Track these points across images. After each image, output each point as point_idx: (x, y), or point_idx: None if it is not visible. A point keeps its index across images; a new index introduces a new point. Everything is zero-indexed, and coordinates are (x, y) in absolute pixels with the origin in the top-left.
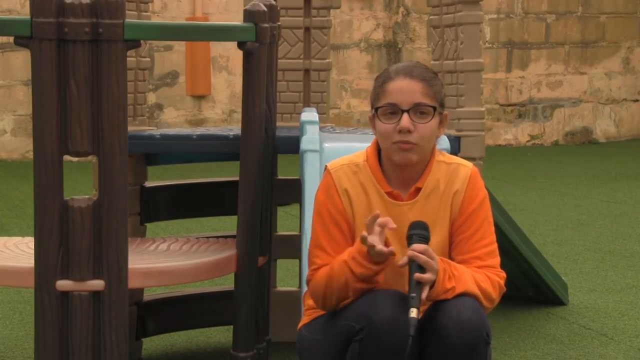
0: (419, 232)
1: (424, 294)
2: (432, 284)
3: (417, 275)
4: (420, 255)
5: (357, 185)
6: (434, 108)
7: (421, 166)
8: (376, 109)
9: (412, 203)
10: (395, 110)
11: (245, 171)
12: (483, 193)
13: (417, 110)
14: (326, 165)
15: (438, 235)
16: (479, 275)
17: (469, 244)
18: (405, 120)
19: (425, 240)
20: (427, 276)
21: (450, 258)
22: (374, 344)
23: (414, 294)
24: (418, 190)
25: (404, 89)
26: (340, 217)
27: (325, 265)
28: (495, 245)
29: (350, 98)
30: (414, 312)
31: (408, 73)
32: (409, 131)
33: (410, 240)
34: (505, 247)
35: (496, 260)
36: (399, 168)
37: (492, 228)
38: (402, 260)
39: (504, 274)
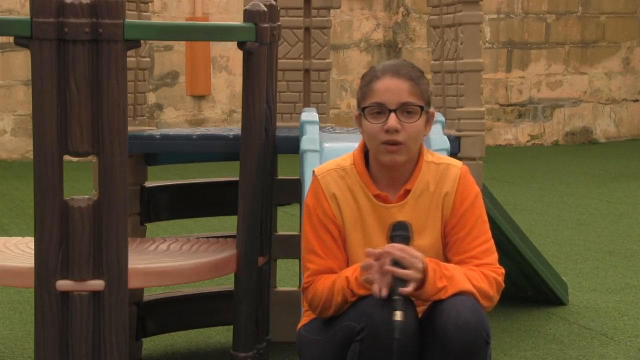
0: (400, 233)
1: (409, 288)
2: (422, 283)
3: (389, 268)
4: (395, 251)
5: (345, 189)
6: (421, 107)
7: (410, 167)
8: (363, 109)
9: (401, 205)
10: (382, 110)
11: (245, 171)
12: (474, 191)
13: (404, 109)
14: (313, 171)
15: (430, 237)
16: (473, 274)
17: (464, 244)
18: (392, 120)
19: (406, 240)
20: (403, 272)
21: (446, 259)
22: (375, 343)
23: (397, 297)
24: (407, 191)
25: (391, 88)
26: (330, 222)
27: (320, 270)
28: (492, 242)
29: (350, 98)
30: (398, 315)
31: (395, 72)
32: (396, 130)
33: (392, 241)
34: (505, 247)
35: (493, 257)
36: (387, 169)
37: (487, 225)
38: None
39: (502, 270)
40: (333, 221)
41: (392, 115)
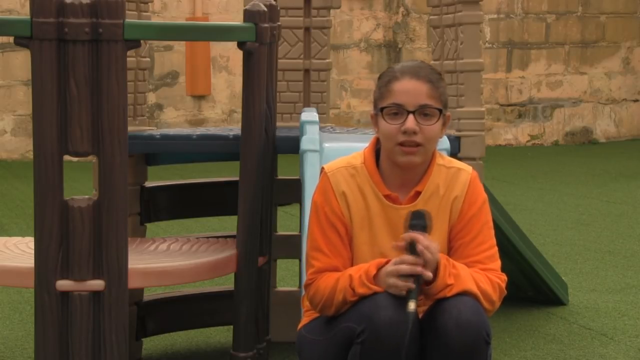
0: (418, 222)
1: (429, 273)
2: (434, 277)
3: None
4: (421, 237)
5: (354, 188)
6: (440, 110)
7: (422, 169)
8: (381, 109)
9: (411, 207)
10: (400, 111)
11: (245, 171)
12: (482, 197)
13: (422, 111)
14: (323, 167)
15: (436, 240)
16: (479, 276)
17: (469, 249)
18: (410, 121)
19: (424, 229)
20: (425, 254)
21: None
22: (376, 345)
23: (412, 288)
24: (417, 193)
25: (410, 90)
26: (338, 220)
27: (324, 268)
28: (496, 249)
29: (350, 98)
30: (412, 306)
31: (415, 73)
32: (414, 132)
33: (411, 230)
34: (505, 247)
35: (497, 263)
36: (399, 170)
37: (492, 232)
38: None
39: (505, 277)
40: (341, 219)
41: (411, 117)
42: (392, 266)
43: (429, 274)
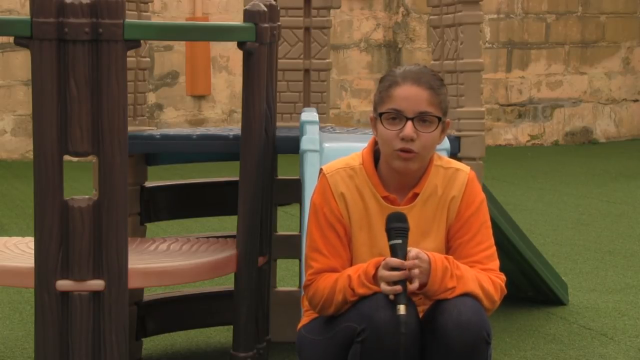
0: (397, 225)
1: (414, 285)
2: (427, 277)
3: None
4: (413, 252)
5: (353, 189)
6: (439, 118)
7: (419, 171)
8: (380, 114)
9: (409, 208)
10: (398, 117)
11: (245, 171)
12: (480, 197)
13: (422, 118)
14: (321, 168)
15: (434, 241)
16: (482, 276)
17: (467, 248)
18: (408, 128)
19: (405, 232)
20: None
21: None
22: (376, 344)
23: (399, 289)
24: (415, 195)
25: (410, 96)
26: (337, 221)
27: (323, 269)
28: (494, 249)
29: (350, 98)
30: (401, 309)
31: (416, 80)
32: (411, 139)
33: (388, 233)
34: (505, 247)
35: (495, 263)
36: (397, 173)
37: (490, 232)
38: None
39: (503, 277)
40: (340, 220)
41: (409, 123)
42: (380, 271)
43: (414, 286)
